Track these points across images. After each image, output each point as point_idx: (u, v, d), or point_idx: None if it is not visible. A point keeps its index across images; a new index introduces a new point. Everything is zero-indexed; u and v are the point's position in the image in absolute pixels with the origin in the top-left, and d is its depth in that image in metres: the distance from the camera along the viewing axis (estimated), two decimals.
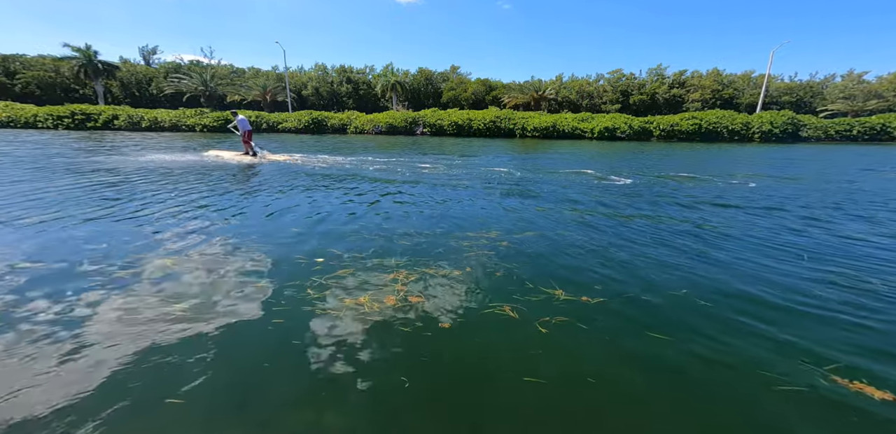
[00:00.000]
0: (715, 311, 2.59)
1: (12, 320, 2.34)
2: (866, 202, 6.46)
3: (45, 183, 6.73)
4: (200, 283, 2.88)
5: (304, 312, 2.49)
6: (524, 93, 44.08)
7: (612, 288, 2.92)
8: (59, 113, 31.15)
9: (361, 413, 1.68)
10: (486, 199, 6.22)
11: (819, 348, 2.20)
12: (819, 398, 1.81)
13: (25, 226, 4.21)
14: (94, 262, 3.22)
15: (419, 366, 1.99)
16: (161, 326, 2.31)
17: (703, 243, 4.02)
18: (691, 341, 2.25)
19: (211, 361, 1.99)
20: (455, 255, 3.53)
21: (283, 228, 4.31)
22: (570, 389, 1.85)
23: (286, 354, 2.07)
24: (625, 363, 2.07)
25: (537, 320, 2.43)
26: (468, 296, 2.75)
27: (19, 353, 2.02)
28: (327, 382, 1.86)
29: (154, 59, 55.65)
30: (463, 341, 2.23)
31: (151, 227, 4.24)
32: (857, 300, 2.78)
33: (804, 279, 3.14)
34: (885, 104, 36.49)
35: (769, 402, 1.78)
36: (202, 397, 1.75)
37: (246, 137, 11.97)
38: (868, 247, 4.03)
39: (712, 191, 7.38)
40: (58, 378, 1.85)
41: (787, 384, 1.89)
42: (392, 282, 2.95)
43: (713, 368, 2.02)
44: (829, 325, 2.45)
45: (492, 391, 1.83)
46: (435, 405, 1.74)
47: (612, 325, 2.41)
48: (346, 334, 2.25)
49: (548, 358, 2.08)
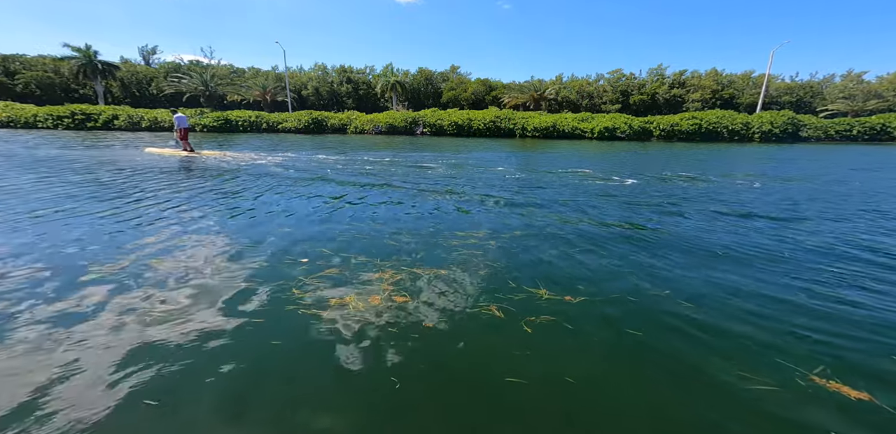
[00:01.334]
0: (697, 312, 2.57)
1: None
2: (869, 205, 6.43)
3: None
4: (183, 284, 2.86)
5: (287, 312, 2.47)
6: (524, 93, 44.08)
7: (596, 288, 2.90)
8: (59, 113, 31.21)
9: (348, 414, 1.67)
10: (478, 199, 6.20)
11: (800, 350, 2.18)
12: (795, 397, 1.79)
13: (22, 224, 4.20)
14: (67, 264, 3.21)
15: (408, 366, 1.97)
16: (139, 328, 2.29)
17: (682, 244, 4.01)
18: (671, 340, 2.23)
19: (191, 363, 1.98)
20: (443, 255, 3.51)
21: (265, 228, 4.30)
22: (556, 389, 1.84)
23: (267, 355, 2.06)
24: (609, 361, 2.05)
25: (523, 319, 2.42)
26: (455, 295, 2.74)
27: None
28: (310, 383, 1.85)
29: (154, 59, 55.75)
30: (450, 341, 2.21)
31: (132, 226, 4.23)
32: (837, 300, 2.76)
33: (781, 285, 3.12)
34: (884, 104, 36.45)
35: (748, 401, 1.77)
36: (181, 399, 1.73)
37: (182, 135, 12.45)
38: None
39: (717, 191, 7.36)
40: (30, 378, 1.83)
41: (767, 385, 1.87)
42: (378, 281, 2.94)
43: (698, 369, 2.00)
44: (804, 331, 2.43)
45: (482, 391, 1.82)
46: (428, 406, 1.72)
47: (594, 325, 2.39)
48: (331, 334, 2.24)
49: (534, 358, 2.06)
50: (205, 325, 2.32)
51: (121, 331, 2.24)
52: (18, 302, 2.54)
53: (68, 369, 1.90)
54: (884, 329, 2.39)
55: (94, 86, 42.67)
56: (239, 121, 33.09)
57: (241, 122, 33.09)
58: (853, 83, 40.45)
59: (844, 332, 2.35)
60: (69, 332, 2.21)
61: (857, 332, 2.35)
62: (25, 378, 1.83)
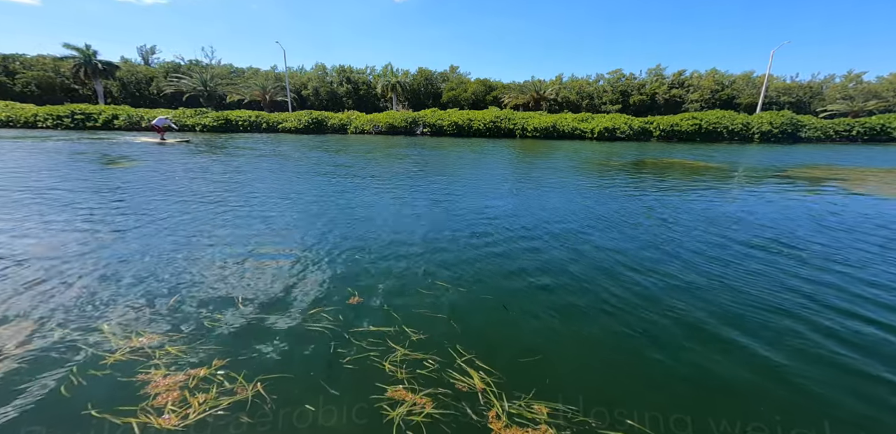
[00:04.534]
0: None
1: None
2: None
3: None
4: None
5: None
6: (524, 93, 44.09)
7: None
8: (58, 113, 31.11)
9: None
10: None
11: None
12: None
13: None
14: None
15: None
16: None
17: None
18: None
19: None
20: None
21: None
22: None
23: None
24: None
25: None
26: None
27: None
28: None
29: (153, 58, 55.70)
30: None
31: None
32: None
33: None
34: (884, 104, 36.53)
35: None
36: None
37: (160, 129, 19.12)
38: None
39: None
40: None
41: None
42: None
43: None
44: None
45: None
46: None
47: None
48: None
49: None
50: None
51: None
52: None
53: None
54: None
55: (93, 85, 42.59)
56: (239, 121, 33.02)
57: (241, 122, 33.03)
58: (853, 84, 40.53)
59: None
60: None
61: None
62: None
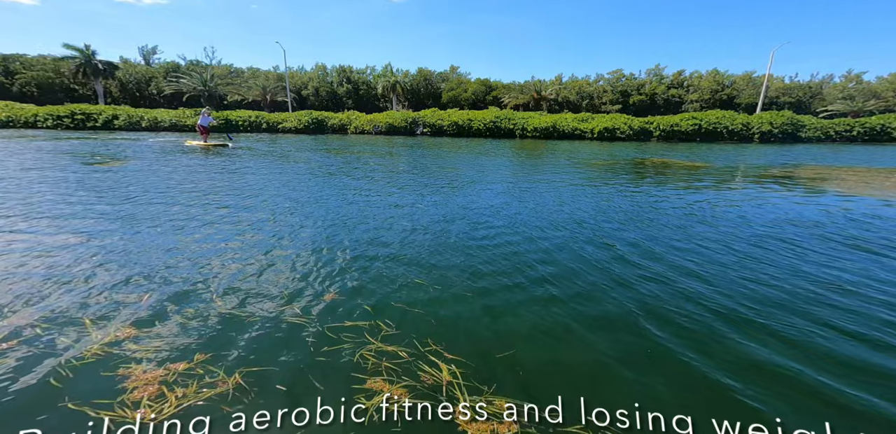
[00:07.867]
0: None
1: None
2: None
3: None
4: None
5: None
6: (524, 93, 44.10)
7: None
8: (58, 113, 31.10)
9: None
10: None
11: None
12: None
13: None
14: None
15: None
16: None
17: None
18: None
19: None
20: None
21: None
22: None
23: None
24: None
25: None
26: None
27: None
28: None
29: (154, 58, 55.69)
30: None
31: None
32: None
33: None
34: (884, 104, 36.52)
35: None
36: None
37: (205, 130, 16.43)
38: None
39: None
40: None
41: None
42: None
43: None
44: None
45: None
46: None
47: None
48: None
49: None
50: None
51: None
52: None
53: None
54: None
55: (93, 85, 42.58)
56: (239, 121, 33.03)
57: (242, 122, 33.04)
58: (852, 84, 40.54)
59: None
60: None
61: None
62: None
